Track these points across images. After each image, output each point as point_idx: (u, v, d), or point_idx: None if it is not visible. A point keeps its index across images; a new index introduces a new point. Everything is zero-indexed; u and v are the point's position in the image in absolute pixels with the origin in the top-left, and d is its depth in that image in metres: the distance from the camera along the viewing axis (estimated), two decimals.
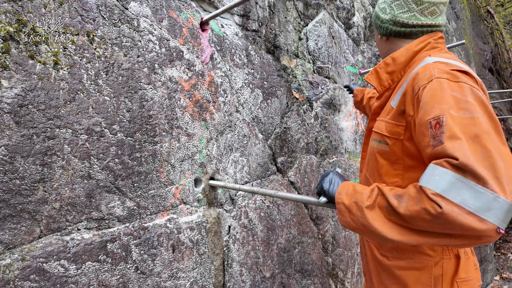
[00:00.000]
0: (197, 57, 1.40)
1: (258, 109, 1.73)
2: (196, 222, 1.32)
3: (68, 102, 0.98)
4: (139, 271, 1.11)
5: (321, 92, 2.19)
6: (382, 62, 1.06)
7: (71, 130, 0.98)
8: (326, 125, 2.26)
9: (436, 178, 0.72)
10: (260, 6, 1.77)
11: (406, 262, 0.99)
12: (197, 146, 1.37)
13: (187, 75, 1.35)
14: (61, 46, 0.98)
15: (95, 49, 1.05)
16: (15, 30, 0.88)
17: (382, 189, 0.85)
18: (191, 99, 1.36)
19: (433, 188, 0.72)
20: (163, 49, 1.26)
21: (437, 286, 0.96)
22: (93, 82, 1.04)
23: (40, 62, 0.92)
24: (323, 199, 0.97)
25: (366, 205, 0.84)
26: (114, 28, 1.11)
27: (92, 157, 1.02)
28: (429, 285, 0.96)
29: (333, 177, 0.97)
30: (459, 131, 0.73)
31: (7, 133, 0.85)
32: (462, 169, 0.70)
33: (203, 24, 1.45)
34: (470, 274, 0.97)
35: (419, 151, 0.88)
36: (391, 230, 0.80)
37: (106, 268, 1.03)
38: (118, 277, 1.05)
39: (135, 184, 1.13)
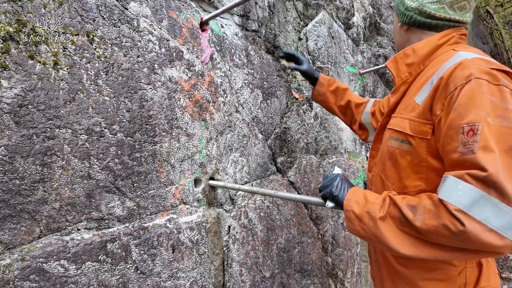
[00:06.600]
0: (196, 57, 1.40)
1: (257, 109, 1.73)
2: (196, 222, 1.32)
3: (68, 102, 0.98)
4: (139, 271, 1.11)
5: None
6: (402, 52, 0.99)
7: (71, 130, 0.98)
8: (326, 125, 2.26)
9: (459, 193, 0.71)
10: (260, 6, 1.77)
11: (429, 272, 0.93)
12: (197, 146, 1.37)
13: (186, 75, 1.35)
14: (61, 46, 0.98)
15: (95, 49, 1.05)
16: (15, 30, 0.88)
17: (394, 199, 0.84)
18: (191, 99, 1.36)
19: (455, 204, 0.71)
20: (163, 49, 1.26)
21: None
22: (93, 82, 1.04)
23: (40, 62, 0.92)
24: (330, 204, 0.96)
25: (380, 216, 0.83)
26: (114, 28, 1.11)
27: (92, 157, 1.02)
28: None
29: (341, 182, 0.96)
30: (493, 142, 0.69)
31: (7, 133, 0.85)
32: (488, 185, 0.68)
33: (203, 24, 1.45)
34: (491, 282, 0.93)
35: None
36: (403, 243, 0.79)
37: (106, 268, 1.03)
38: (118, 277, 1.05)
39: (135, 184, 1.13)
